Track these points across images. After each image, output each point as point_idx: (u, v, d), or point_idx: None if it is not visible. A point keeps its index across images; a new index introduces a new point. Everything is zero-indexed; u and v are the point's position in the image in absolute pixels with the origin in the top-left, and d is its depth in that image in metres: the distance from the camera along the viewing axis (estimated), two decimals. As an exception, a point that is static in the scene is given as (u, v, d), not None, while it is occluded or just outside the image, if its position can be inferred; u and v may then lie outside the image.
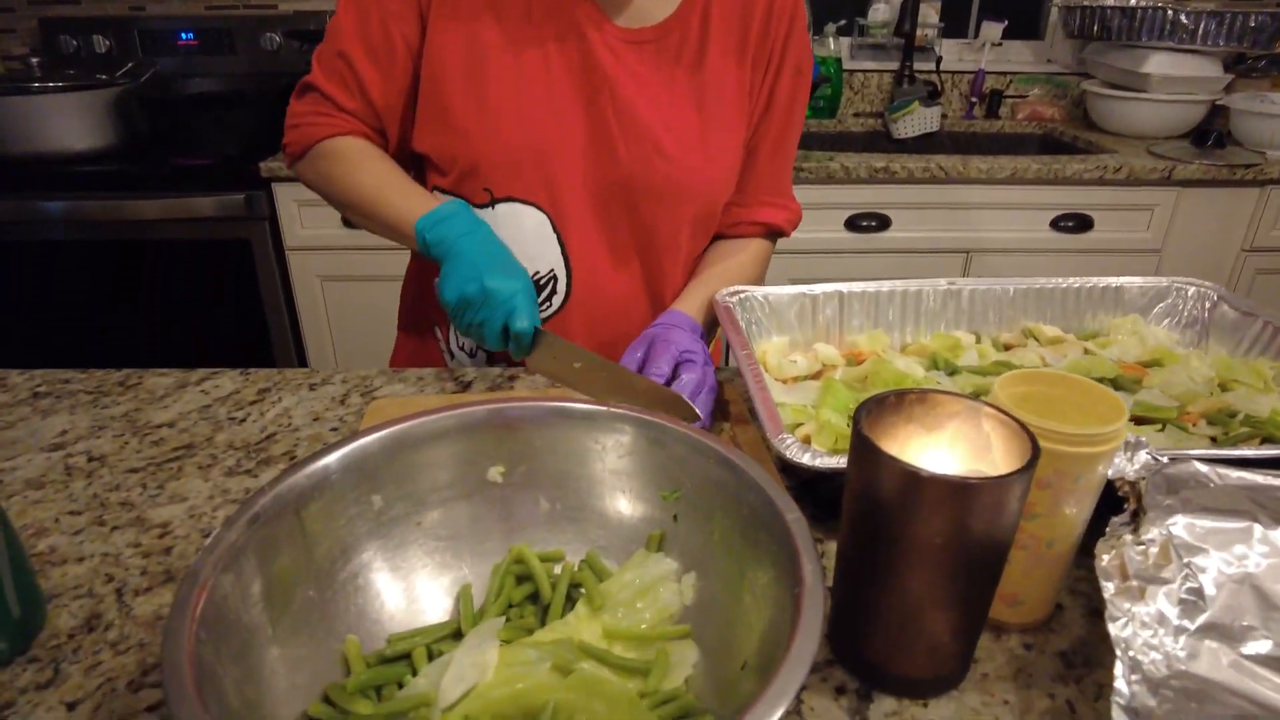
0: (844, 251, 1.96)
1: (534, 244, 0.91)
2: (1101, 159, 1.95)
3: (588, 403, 0.59)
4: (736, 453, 0.53)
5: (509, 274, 0.77)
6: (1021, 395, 0.55)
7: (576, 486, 0.60)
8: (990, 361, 0.86)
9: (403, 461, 0.56)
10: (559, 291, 0.94)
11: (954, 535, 0.44)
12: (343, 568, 0.53)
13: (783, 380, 0.83)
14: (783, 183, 1.04)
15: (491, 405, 0.59)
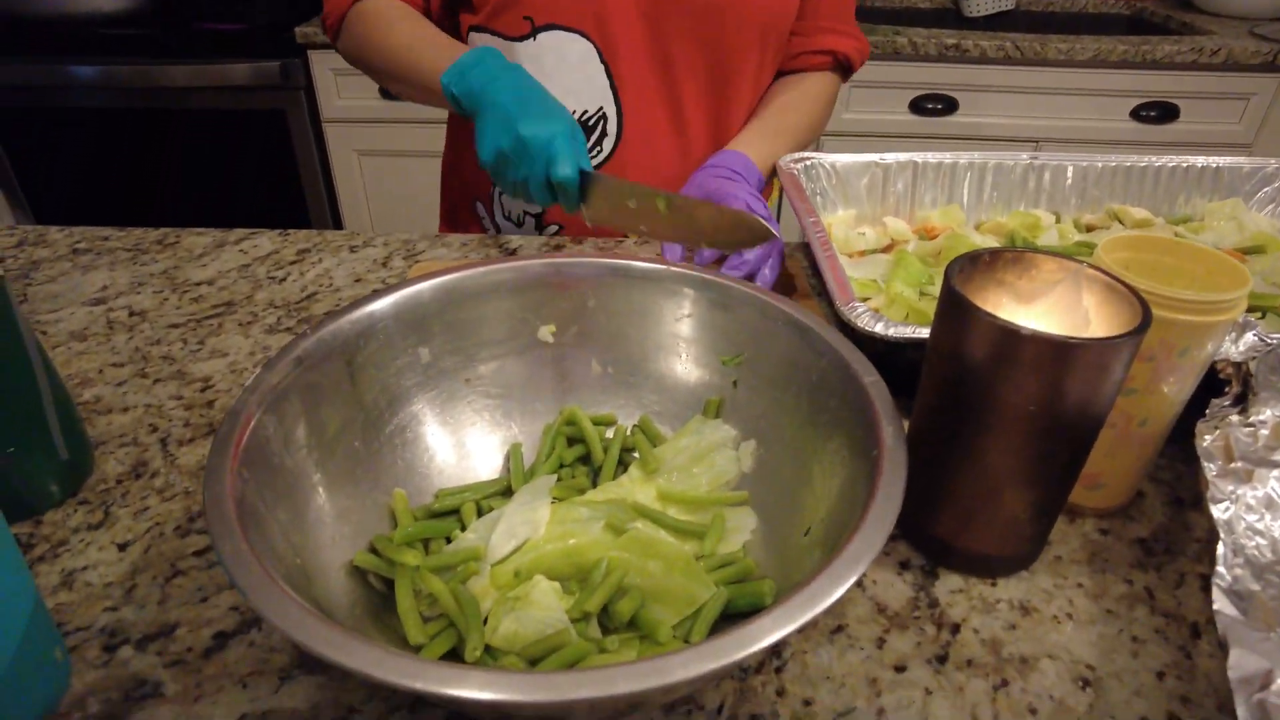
0: (906, 135, 1.85)
1: (580, 79, 0.85)
2: (1197, 40, 1.79)
3: (648, 261, 0.55)
4: (808, 314, 0.49)
5: (547, 116, 0.68)
6: (1125, 261, 0.50)
7: (631, 349, 0.57)
8: (1072, 242, 0.80)
9: (453, 314, 0.53)
10: (609, 134, 0.88)
11: (1048, 403, 0.41)
12: (390, 419, 0.51)
13: (849, 255, 0.78)
14: (848, 7, 0.95)
15: (547, 259, 0.56)
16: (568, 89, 0.84)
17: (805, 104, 0.93)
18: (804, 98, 0.93)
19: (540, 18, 0.82)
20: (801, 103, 0.92)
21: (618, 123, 0.87)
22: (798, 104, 0.92)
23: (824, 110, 0.96)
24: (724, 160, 0.81)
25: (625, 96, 0.86)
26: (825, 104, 0.96)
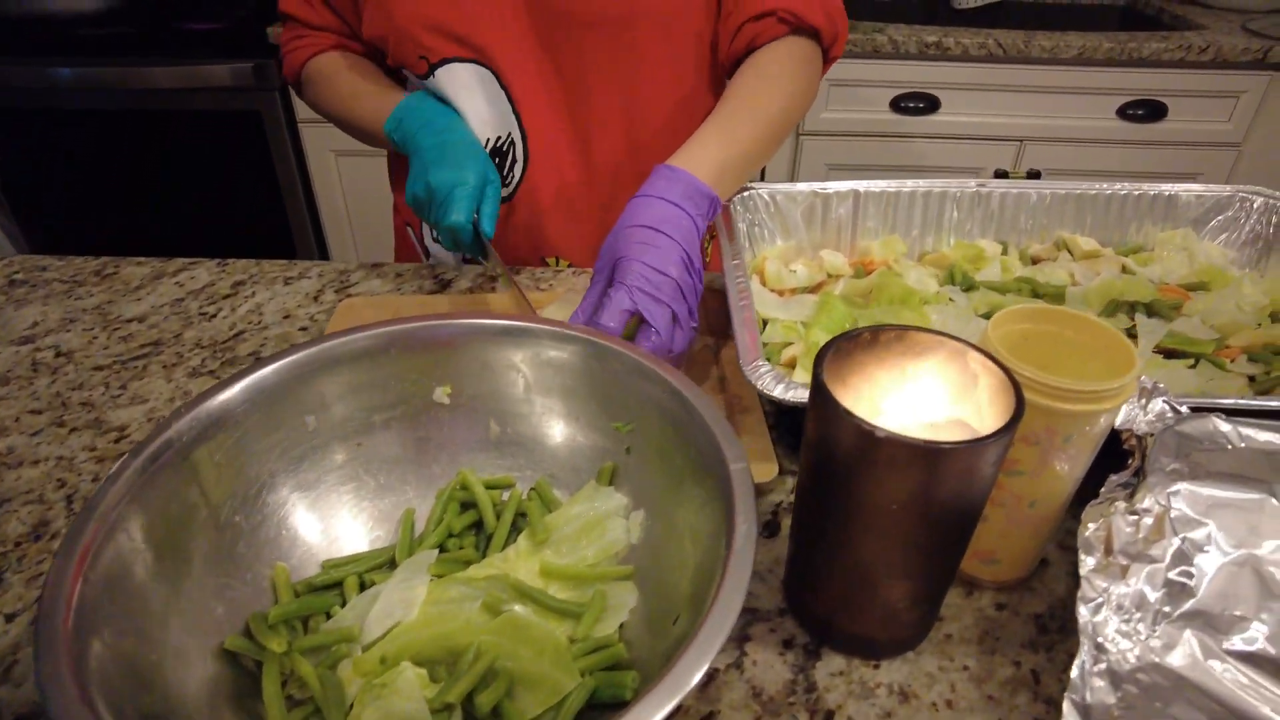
0: (887, 135, 1.82)
1: (487, 107, 0.83)
2: (1186, 37, 1.75)
3: (532, 320, 0.54)
4: (689, 385, 0.48)
5: (457, 166, 0.71)
6: (1021, 334, 0.49)
7: (526, 411, 0.56)
8: (1013, 277, 0.78)
9: (338, 378, 0.53)
10: (518, 159, 0.85)
11: (912, 502, 0.40)
12: (271, 492, 0.50)
13: (780, 291, 0.76)
14: None
15: (434, 321, 0.55)
16: (479, 119, 0.82)
17: (762, 89, 0.77)
18: (756, 82, 0.78)
19: (433, 54, 0.80)
20: (757, 89, 0.77)
21: (523, 147, 0.85)
22: (753, 93, 0.76)
23: (791, 81, 0.78)
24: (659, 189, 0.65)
25: (526, 119, 0.84)
26: (791, 74, 0.79)
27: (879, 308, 0.69)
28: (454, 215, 0.69)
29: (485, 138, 0.84)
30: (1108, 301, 0.73)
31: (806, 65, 0.81)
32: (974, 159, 1.85)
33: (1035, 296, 0.75)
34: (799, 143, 1.84)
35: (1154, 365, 0.66)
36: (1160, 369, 0.66)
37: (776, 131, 0.77)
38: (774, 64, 0.79)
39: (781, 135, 0.78)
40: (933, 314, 0.68)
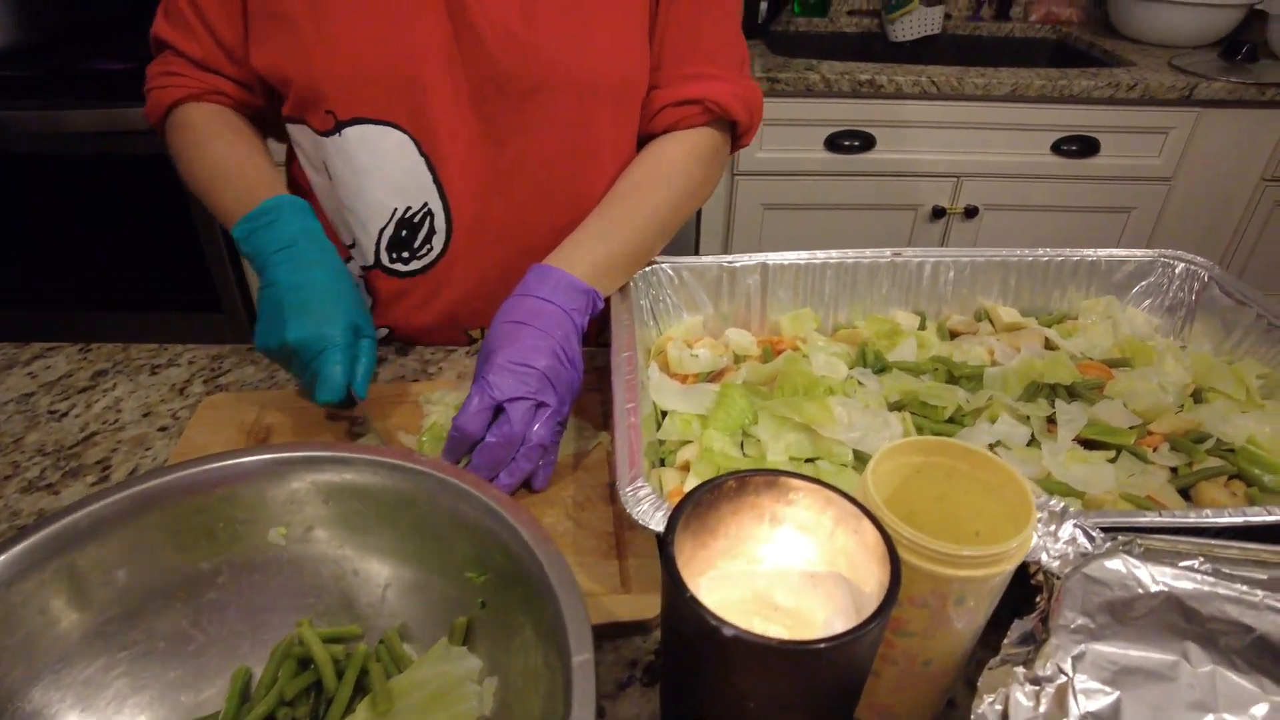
0: (822, 174, 1.79)
1: (399, 174, 0.76)
2: (1115, 74, 1.75)
3: (376, 454, 0.48)
4: (542, 538, 0.43)
5: (321, 318, 0.61)
6: (913, 468, 0.44)
7: (376, 552, 0.50)
8: (929, 356, 0.73)
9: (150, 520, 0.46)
10: (438, 230, 0.79)
11: (771, 701, 0.34)
12: (74, 663, 0.43)
13: (683, 377, 0.71)
14: (722, 49, 0.78)
15: (269, 455, 0.48)
16: (387, 185, 0.76)
17: (658, 181, 0.76)
18: (655, 173, 0.77)
19: (343, 111, 0.73)
20: (652, 180, 0.76)
21: (446, 219, 0.79)
22: (647, 184, 0.76)
23: (690, 175, 0.78)
24: (526, 287, 0.66)
25: (453, 191, 0.77)
26: (692, 167, 0.78)
27: (781, 399, 0.64)
28: (323, 393, 0.60)
29: (393, 206, 0.77)
30: (1027, 384, 0.69)
31: (712, 160, 0.81)
32: (911, 196, 1.83)
33: (951, 379, 0.71)
34: (734, 183, 1.80)
35: (1073, 460, 0.62)
36: (1080, 464, 0.61)
37: (665, 228, 0.77)
38: (676, 161, 0.78)
39: (670, 230, 0.78)
40: (837, 406, 0.63)
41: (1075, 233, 1.91)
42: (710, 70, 0.77)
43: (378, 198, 0.77)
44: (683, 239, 1.88)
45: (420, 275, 0.81)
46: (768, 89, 1.66)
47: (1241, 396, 0.69)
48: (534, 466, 0.60)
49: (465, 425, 0.57)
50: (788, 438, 0.62)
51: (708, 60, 0.77)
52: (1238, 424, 0.65)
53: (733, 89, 0.78)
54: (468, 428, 0.57)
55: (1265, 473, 0.61)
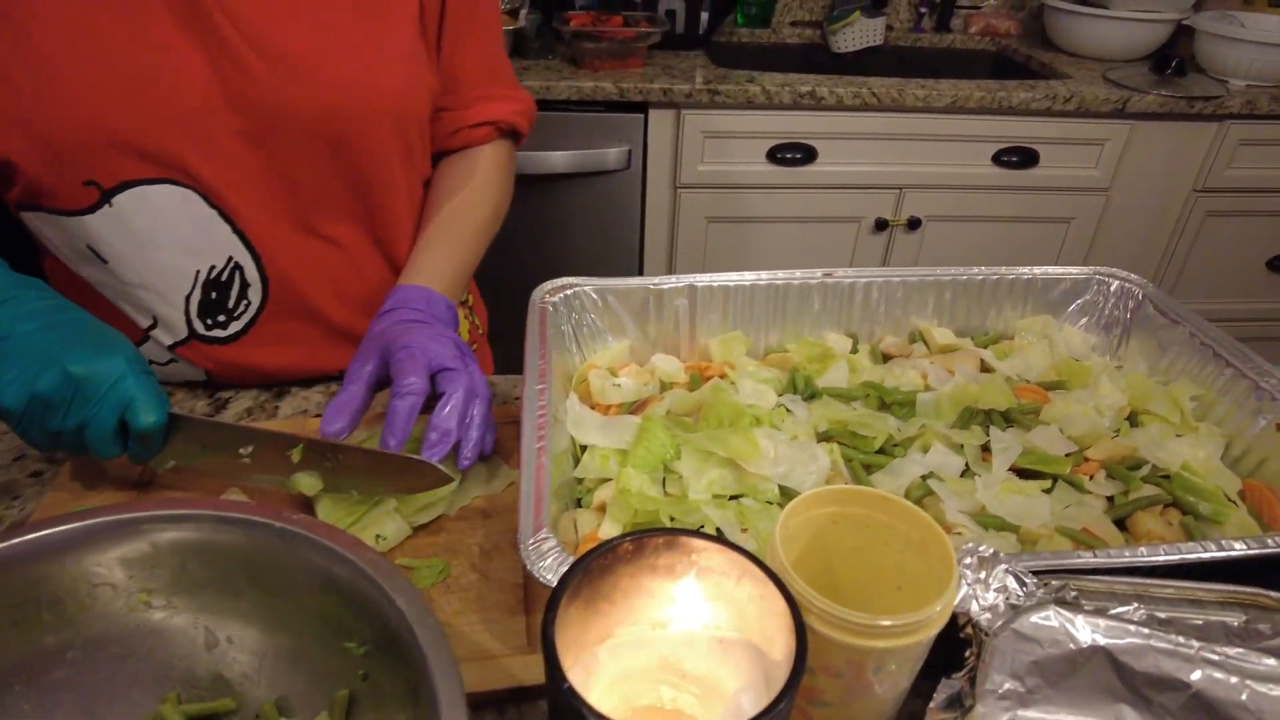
0: (764, 187, 1.77)
1: (193, 232, 0.67)
2: (1051, 87, 1.76)
3: (235, 509, 0.43)
4: (419, 610, 0.38)
5: (104, 348, 0.53)
6: (831, 517, 0.40)
7: (255, 618, 0.45)
8: (861, 381, 0.71)
9: None
10: (252, 283, 0.71)
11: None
12: None
13: (604, 408, 0.67)
14: (500, 69, 0.83)
15: (127, 514, 0.43)
16: (179, 247, 0.68)
17: (479, 194, 0.80)
18: (475, 187, 0.80)
19: (108, 179, 0.63)
20: (475, 194, 0.80)
21: (259, 270, 0.71)
22: (471, 197, 0.79)
23: (501, 187, 0.84)
24: (401, 300, 0.67)
25: (256, 236, 0.70)
26: (501, 179, 0.83)
27: (705, 432, 0.60)
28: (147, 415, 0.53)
29: (193, 269, 0.69)
30: (962, 410, 0.66)
31: (510, 168, 0.86)
32: (854, 208, 1.82)
33: (882, 406, 0.68)
34: (677, 196, 1.77)
35: (1008, 491, 0.59)
36: (1015, 496, 0.59)
37: (489, 237, 0.82)
38: (489, 175, 0.82)
39: (490, 238, 0.82)
40: (763, 439, 0.59)
41: (1017, 243, 1.92)
42: (497, 91, 0.82)
43: (172, 263, 0.68)
44: (626, 254, 1.85)
45: (247, 335, 0.74)
46: (708, 100, 1.64)
47: (1176, 419, 0.68)
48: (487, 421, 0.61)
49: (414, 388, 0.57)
50: (711, 474, 0.58)
51: (494, 82, 0.82)
52: (1172, 449, 0.64)
53: (515, 106, 0.84)
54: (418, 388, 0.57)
55: (1200, 500, 0.59)
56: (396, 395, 0.58)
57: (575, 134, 1.67)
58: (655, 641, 0.38)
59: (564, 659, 0.31)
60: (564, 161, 1.67)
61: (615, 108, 1.65)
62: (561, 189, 1.73)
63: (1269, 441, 0.63)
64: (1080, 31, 2.01)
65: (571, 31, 1.64)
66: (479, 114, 0.80)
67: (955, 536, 0.55)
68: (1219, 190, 1.90)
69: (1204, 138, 1.83)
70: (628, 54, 1.67)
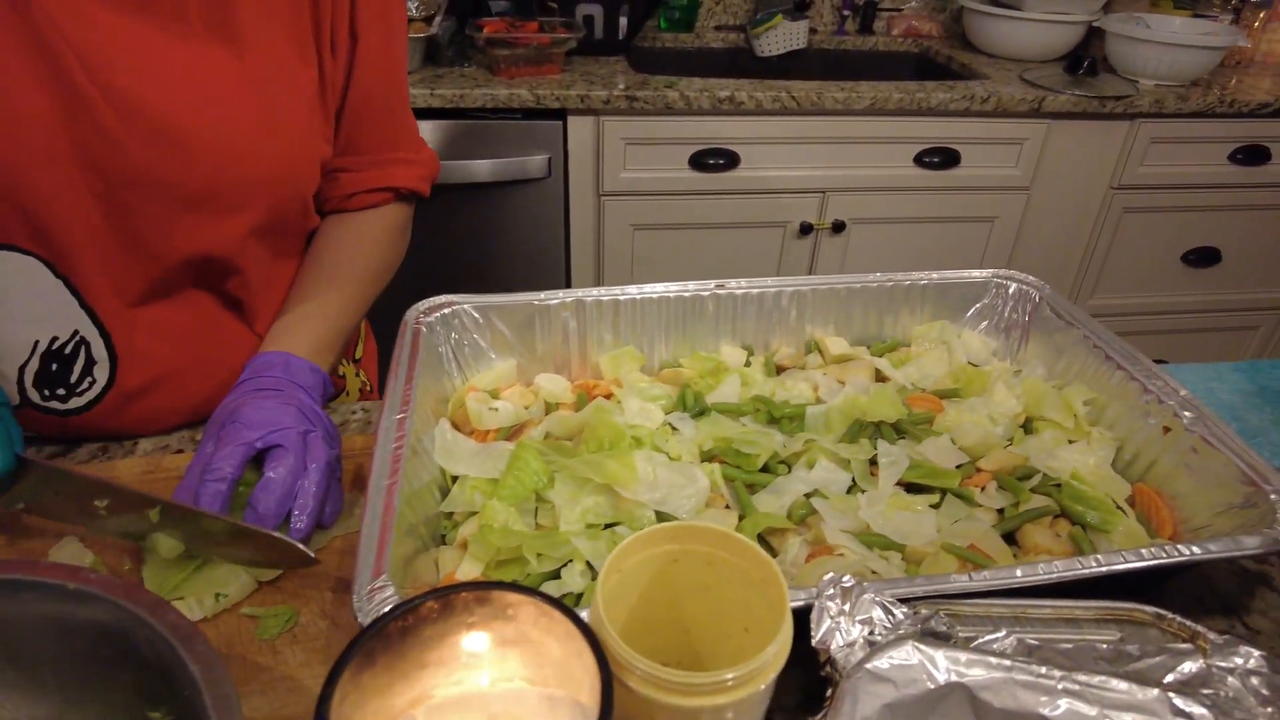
0: (688, 193, 1.75)
1: (33, 301, 0.62)
2: (969, 87, 1.77)
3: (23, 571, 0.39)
4: (217, 681, 0.34)
5: None
6: (673, 556, 0.37)
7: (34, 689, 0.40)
8: (750, 396, 0.68)
9: None
10: (98, 359, 0.65)
11: None
12: None
13: (483, 434, 0.64)
14: (403, 131, 0.79)
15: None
16: (19, 316, 0.62)
17: (364, 253, 0.76)
18: (362, 248, 0.76)
19: None
20: (358, 253, 0.76)
21: (106, 345, 0.65)
22: (354, 257, 0.76)
23: (392, 248, 0.80)
24: (257, 369, 0.62)
25: (106, 312, 0.64)
26: (392, 241, 0.80)
27: (582, 457, 0.57)
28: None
29: (32, 339, 0.63)
30: (850, 423, 0.64)
31: (405, 230, 0.83)
32: (778, 213, 1.82)
33: (771, 421, 0.65)
34: (601, 204, 1.74)
35: (894, 507, 0.57)
36: (901, 513, 0.57)
37: (367, 302, 0.77)
38: (375, 237, 0.78)
39: (372, 298, 0.78)
40: (642, 462, 0.56)
41: (942, 244, 1.93)
42: (399, 155, 0.79)
43: (9, 330, 0.63)
44: (553, 263, 1.81)
45: (89, 412, 0.68)
46: (627, 107, 1.61)
47: (1070, 424, 0.67)
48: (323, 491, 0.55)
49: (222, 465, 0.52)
50: (586, 501, 0.55)
51: (396, 145, 0.79)
52: (1063, 457, 0.62)
53: (417, 171, 0.80)
54: (224, 468, 0.52)
55: (1088, 510, 0.58)
56: (206, 477, 0.53)
57: (494, 142, 1.63)
58: (482, 699, 0.35)
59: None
60: (484, 170, 1.63)
61: (533, 115, 1.62)
62: (483, 198, 1.69)
63: (1158, 444, 0.63)
64: (997, 33, 2.03)
65: (485, 39, 1.60)
66: (377, 179, 0.77)
67: (837, 559, 0.53)
68: (1134, 187, 1.94)
69: (1117, 136, 1.86)
70: (544, 60, 1.64)
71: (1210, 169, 1.94)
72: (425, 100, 1.56)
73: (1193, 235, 2.05)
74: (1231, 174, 1.95)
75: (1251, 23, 2.10)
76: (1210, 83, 1.93)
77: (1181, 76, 1.88)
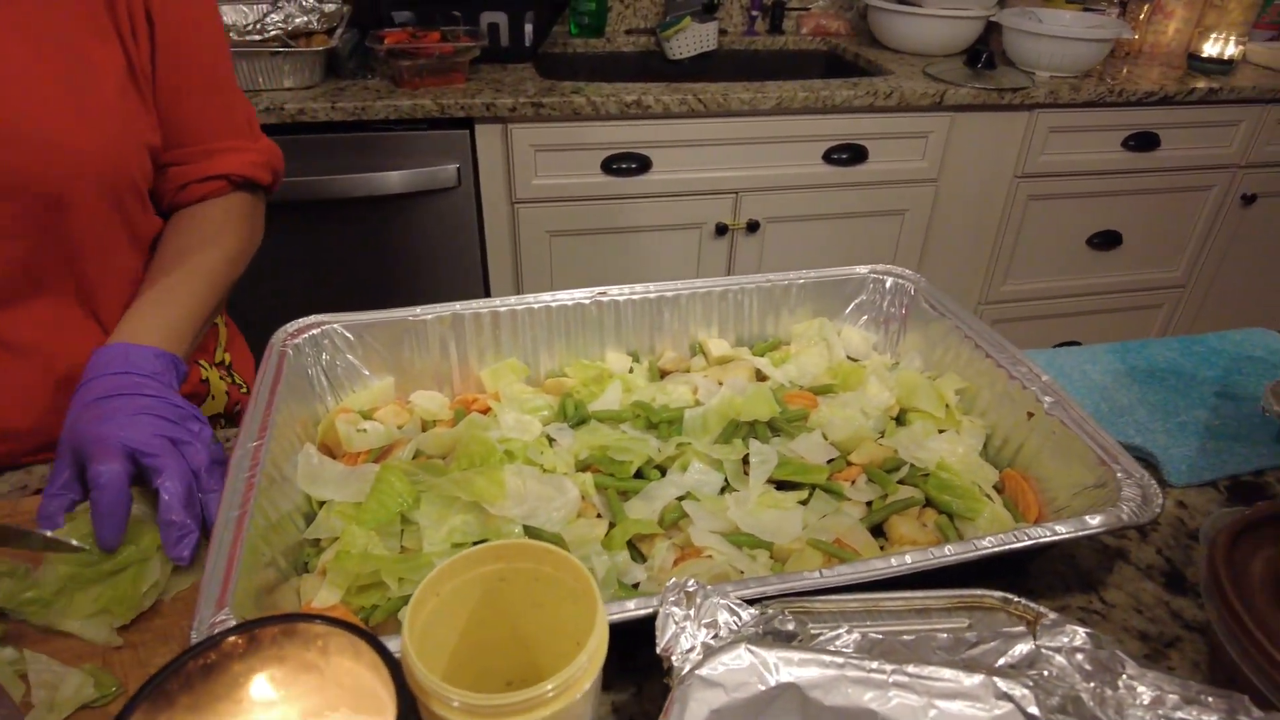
0: (602, 198, 1.75)
1: None
2: (873, 84, 1.81)
3: None
4: None
5: None
6: (499, 575, 0.37)
7: None
8: (630, 402, 0.68)
9: None
10: None
11: None
12: None
13: (353, 457, 0.62)
14: (231, 120, 0.79)
15: None
16: None
17: (207, 243, 0.75)
18: (204, 236, 0.75)
19: None
20: (200, 243, 0.75)
21: None
22: (198, 247, 0.75)
23: (238, 235, 0.79)
24: (96, 368, 0.60)
25: None
26: (235, 228, 0.79)
27: (449, 475, 0.56)
28: None
29: None
30: (726, 423, 0.65)
31: (252, 215, 0.82)
32: (693, 215, 1.83)
33: (650, 426, 0.66)
34: (515, 211, 1.73)
35: (764, 505, 0.58)
36: (768, 510, 0.58)
37: (220, 286, 0.75)
38: (218, 222, 0.77)
39: (227, 287, 0.77)
40: (511, 477, 0.56)
41: (856, 239, 1.97)
42: (228, 144, 0.78)
43: None
44: (470, 273, 1.79)
45: None
46: (534, 114, 1.61)
47: (941, 414, 0.68)
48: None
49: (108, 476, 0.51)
50: (453, 520, 0.55)
51: (223, 134, 0.78)
52: (931, 448, 0.64)
53: (252, 158, 0.80)
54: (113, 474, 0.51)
55: (954, 498, 0.59)
56: (93, 487, 0.52)
57: (402, 154, 1.61)
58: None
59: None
60: (394, 182, 1.61)
61: (440, 125, 1.60)
62: (395, 210, 1.66)
63: (1024, 429, 0.65)
64: (901, 29, 2.08)
65: (387, 50, 1.58)
66: (207, 168, 0.77)
67: (704, 561, 0.54)
68: (1037, 175, 2.00)
69: (1018, 126, 1.92)
70: (449, 70, 1.62)
71: (1105, 155, 2.02)
72: (327, 114, 1.54)
73: (1095, 220, 2.12)
74: (1125, 160, 2.03)
75: (1137, 15, 2.19)
76: (1102, 73, 2.00)
77: (1074, 68, 1.95)
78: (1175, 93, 1.94)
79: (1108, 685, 0.40)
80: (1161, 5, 2.18)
